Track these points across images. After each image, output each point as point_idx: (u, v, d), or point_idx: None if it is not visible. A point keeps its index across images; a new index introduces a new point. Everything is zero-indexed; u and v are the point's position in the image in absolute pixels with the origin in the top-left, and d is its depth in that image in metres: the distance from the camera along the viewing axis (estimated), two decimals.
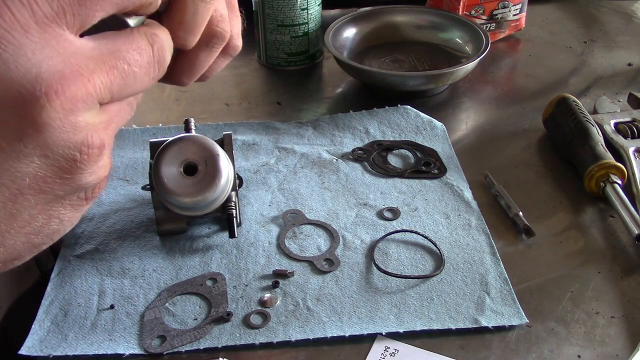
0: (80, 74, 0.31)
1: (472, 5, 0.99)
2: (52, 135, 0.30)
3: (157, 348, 0.55)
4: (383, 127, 0.81)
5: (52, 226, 0.34)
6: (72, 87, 0.30)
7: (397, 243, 0.65)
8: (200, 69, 0.43)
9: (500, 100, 0.90)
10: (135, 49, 0.34)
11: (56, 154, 0.31)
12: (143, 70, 0.34)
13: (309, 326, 0.57)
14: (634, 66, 0.97)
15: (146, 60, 0.34)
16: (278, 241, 0.66)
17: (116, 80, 0.33)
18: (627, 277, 0.62)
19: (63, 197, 0.33)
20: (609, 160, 0.70)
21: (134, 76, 0.34)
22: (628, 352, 0.55)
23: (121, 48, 0.33)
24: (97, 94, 0.31)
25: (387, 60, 0.96)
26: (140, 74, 0.34)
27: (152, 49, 0.35)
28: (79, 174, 0.32)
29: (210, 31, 0.40)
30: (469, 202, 0.70)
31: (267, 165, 0.76)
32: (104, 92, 0.32)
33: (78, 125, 0.31)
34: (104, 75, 0.32)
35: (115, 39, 0.33)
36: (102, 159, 0.33)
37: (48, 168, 0.31)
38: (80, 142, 0.31)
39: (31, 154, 0.30)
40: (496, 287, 0.60)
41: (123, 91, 0.33)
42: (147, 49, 0.34)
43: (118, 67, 0.33)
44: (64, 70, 0.30)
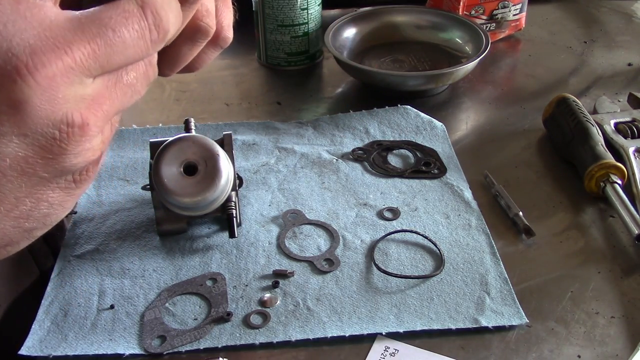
0: (55, 46, 0.29)
1: (472, 5, 0.99)
2: (29, 112, 0.29)
3: (157, 348, 0.56)
4: (383, 127, 0.81)
5: (41, 210, 0.33)
6: (45, 60, 0.29)
7: (397, 243, 0.65)
8: (183, 61, 0.41)
9: (500, 100, 0.90)
10: (119, 13, 0.32)
11: (35, 132, 0.29)
12: (134, 34, 0.32)
13: (309, 326, 0.57)
14: (634, 66, 0.97)
15: (136, 23, 0.32)
16: (278, 241, 0.66)
17: (101, 49, 0.31)
18: (627, 277, 0.62)
19: (49, 180, 0.32)
20: (609, 160, 0.70)
21: (122, 43, 0.31)
22: (628, 352, 0.55)
23: (103, 15, 0.31)
24: (78, 67, 0.30)
25: (387, 60, 0.96)
26: (129, 40, 0.32)
27: (142, 11, 0.33)
28: (62, 155, 0.31)
29: (194, 25, 0.39)
30: (469, 202, 0.70)
31: (267, 165, 0.76)
32: (89, 63, 0.30)
33: (57, 102, 0.29)
34: (85, 44, 0.30)
35: (97, 8, 0.31)
36: (87, 140, 0.31)
37: (28, 148, 0.30)
38: (59, 119, 0.30)
39: (8, 133, 0.29)
40: (496, 287, 0.60)
41: (112, 60, 0.31)
42: (135, 12, 0.32)
43: (101, 35, 0.31)
44: (37, 44, 0.29)
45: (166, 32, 0.34)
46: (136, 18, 0.32)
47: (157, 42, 0.33)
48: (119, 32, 0.31)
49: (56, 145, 0.30)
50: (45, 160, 0.31)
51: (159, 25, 0.33)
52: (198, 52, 0.41)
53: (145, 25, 0.33)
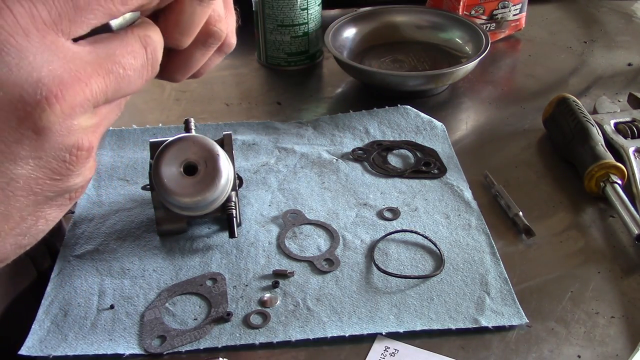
0: (79, 79, 0.31)
1: (472, 5, 0.99)
2: (50, 138, 0.31)
3: (157, 348, 0.55)
4: (383, 127, 0.81)
5: (39, 227, 0.34)
6: (71, 91, 0.31)
7: (397, 243, 0.65)
8: (195, 66, 0.43)
9: (500, 100, 0.90)
10: (129, 52, 0.34)
11: (49, 155, 0.31)
12: (137, 73, 0.34)
13: (309, 326, 0.57)
14: (634, 66, 0.97)
15: (140, 63, 0.35)
16: (278, 241, 0.66)
17: (112, 84, 0.33)
18: (627, 277, 0.62)
19: (52, 199, 0.33)
20: (609, 160, 0.70)
21: (128, 79, 0.34)
22: (628, 352, 0.55)
23: (116, 52, 0.34)
24: (93, 98, 0.32)
25: (387, 60, 0.96)
26: (134, 77, 0.34)
27: (145, 51, 0.35)
28: (68, 176, 0.33)
29: (208, 31, 0.40)
30: (469, 202, 0.70)
31: (267, 165, 0.76)
32: (100, 96, 0.32)
33: (73, 129, 0.31)
34: (100, 79, 0.32)
35: (109, 42, 0.34)
36: (89, 161, 0.33)
37: (40, 170, 0.31)
38: (71, 144, 0.32)
39: (27, 157, 0.31)
40: (496, 287, 0.60)
41: (117, 94, 0.34)
42: (140, 52, 0.35)
43: (114, 71, 0.33)
44: (63, 75, 0.30)
45: (156, 72, 0.36)
46: (141, 58, 0.35)
47: (148, 79, 0.36)
48: (127, 70, 0.34)
49: (65, 167, 0.32)
50: (52, 181, 0.32)
51: (154, 66, 0.36)
52: (209, 56, 0.43)
53: (145, 64, 0.35)
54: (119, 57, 0.34)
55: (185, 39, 0.39)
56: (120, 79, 0.33)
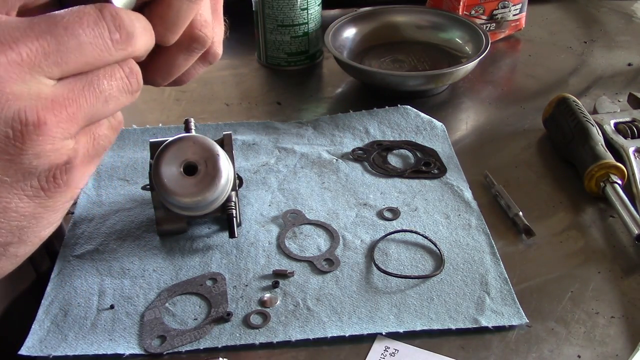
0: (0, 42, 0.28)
1: (472, 5, 0.99)
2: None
3: (157, 348, 0.55)
4: (383, 127, 0.81)
5: (11, 221, 0.31)
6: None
7: (397, 243, 0.65)
8: (177, 71, 0.41)
9: (500, 100, 0.90)
10: (74, 13, 0.31)
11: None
12: (89, 32, 0.31)
13: (309, 326, 0.57)
14: (634, 66, 0.97)
15: (92, 22, 0.31)
16: (278, 241, 0.66)
17: (51, 46, 0.30)
18: (627, 277, 0.62)
19: (11, 185, 0.30)
20: (609, 160, 0.70)
21: (77, 41, 0.31)
22: (628, 352, 0.55)
23: (56, 15, 0.31)
24: (26, 63, 0.29)
25: (387, 60, 0.96)
26: (86, 37, 0.31)
27: (100, 12, 0.32)
28: (19, 155, 0.30)
29: (192, 34, 0.39)
30: (469, 202, 0.70)
31: (267, 165, 0.76)
32: (39, 61, 0.29)
33: (5, 99, 0.29)
34: (31, 41, 0.29)
35: (54, 12, 0.30)
36: (46, 141, 0.30)
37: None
38: (10, 117, 0.29)
39: None
40: (496, 287, 0.60)
41: (67, 59, 0.30)
42: (92, 12, 0.32)
43: (51, 32, 0.30)
44: None
45: (130, 35, 0.33)
46: (92, 17, 0.31)
47: (120, 43, 0.33)
48: (71, 30, 0.30)
49: (11, 144, 0.29)
50: (2, 162, 0.29)
51: (120, 26, 0.32)
52: (192, 63, 0.41)
53: (103, 25, 0.32)
54: (58, 19, 0.30)
55: (170, 35, 0.37)
56: (62, 40, 0.30)
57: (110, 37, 0.32)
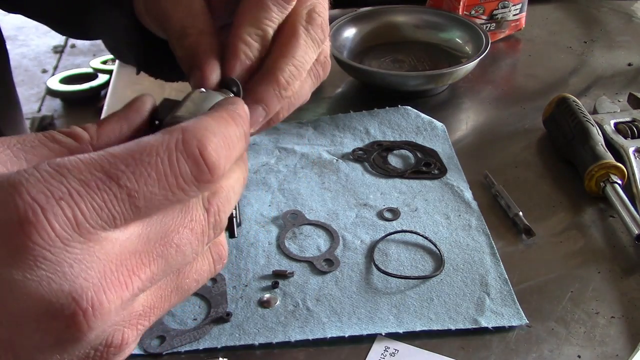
0: (119, 282, 0.29)
1: (472, 5, 0.99)
2: (74, 346, 0.29)
3: (156, 348, 0.55)
4: (383, 127, 0.81)
5: None
6: (106, 298, 0.28)
7: (397, 243, 0.65)
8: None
9: (500, 100, 0.90)
10: (187, 224, 0.32)
11: (73, 356, 0.29)
12: (194, 245, 0.32)
13: (308, 327, 0.57)
14: (634, 66, 0.97)
15: (199, 232, 0.32)
16: (278, 241, 0.66)
17: (160, 270, 0.31)
18: (627, 277, 0.62)
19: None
20: (609, 160, 0.70)
21: (182, 255, 0.32)
22: (628, 352, 0.55)
23: (171, 229, 0.31)
24: (133, 294, 0.30)
25: (387, 60, 0.96)
26: (189, 250, 0.32)
27: (207, 215, 0.32)
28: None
29: None
30: (469, 202, 0.70)
31: (267, 165, 0.76)
32: (144, 286, 0.30)
33: (102, 330, 0.29)
34: (146, 269, 0.30)
35: (166, 214, 0.31)
36: (122, 356, 0.31)
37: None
38: (98, 343, 0.30)
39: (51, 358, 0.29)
40: (496, 287, 0.60)
41: (165, 274, 0.31)
42: (201, 219, 0.32)
43: (164, 254, 0.31)
44: (100, 283, 0.28)
45: (220, 233, 0.34)
46: (200, 226, 0.32)
47: (209, 243, 0.34)
48: (182, 246, 0.31)
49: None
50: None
51: (217, 226, 0.34)
52: None
53: (205, 231, 0.33)
54: (173, 234, 0.31)
55: None
56: (171, 258, 0.31)
57: (206, 241, 0.34)
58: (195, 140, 0.31)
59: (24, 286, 0.27)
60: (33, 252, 0.27)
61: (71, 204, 0.27)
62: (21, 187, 0.27)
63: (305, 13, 0.44)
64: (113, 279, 0.29)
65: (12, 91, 0.81)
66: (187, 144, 0.31)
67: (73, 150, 0.32)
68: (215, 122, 0.33)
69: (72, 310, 0.27)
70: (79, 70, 3.02)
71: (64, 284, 0.27)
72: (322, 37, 0.44)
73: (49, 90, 2.91)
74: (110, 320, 0.29)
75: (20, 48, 3.32)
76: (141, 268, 0.30)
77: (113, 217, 0.29)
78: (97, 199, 0.28)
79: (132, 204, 0.29)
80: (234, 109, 0.35)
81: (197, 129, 0.31)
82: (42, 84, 3.05)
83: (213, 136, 0.32)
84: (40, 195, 0.27)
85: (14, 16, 0.69)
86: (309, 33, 0.43)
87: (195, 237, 0.33)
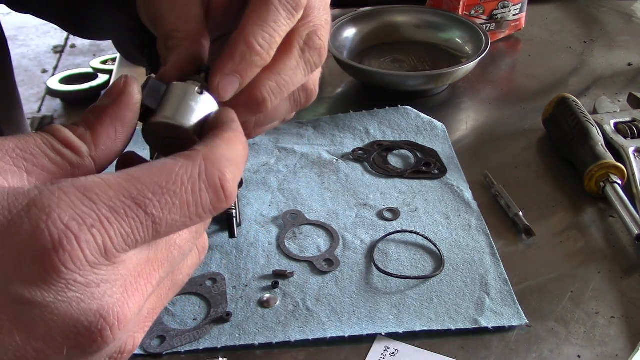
0: (138, 292, 0.31)
1: (472, 5, 0.99)
2: (96, 356, 0.31)
3: (156, 348, 0.55)
4: (383, 127, 0.81)
5: None
6: (129, 310, 0.31)
7: (397, 243, 0.65)
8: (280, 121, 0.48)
9: (500, 100, 0.90)
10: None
11: None
12: (191, 242, 0.35)
13: (308, 327, 0.57)
14: (634, 66, 0.97)
15: (194, 229, 0.35)
16: (278, 241, 0.66)
17: (166, 271, 0.34)
18: (627, 277, 0.62)
19: None
20: (609, 160, 0.70)
21: (183, 255, 0.35)
22: (628, 352, 0.55)
23: (175, 234, 0.34)
24: (146, 300, 0.32)
25: (387, 60, 0.96)
26: (187, 249, 0.35)
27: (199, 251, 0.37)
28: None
29: None
30: (469, 202, 0.70)
31: (267, 165, 0.76)
32: (153, 291, 0.33)
33: (122, 339, 0.32)
34: (156, 274, 0.33)
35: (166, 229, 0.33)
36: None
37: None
38: (114, 350, 0.32)
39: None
40: (496, 287, 0.60)
41: (167, 274, 0.34)
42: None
43: (169, 258, 0.34)
44: (123, 297, 0.30)
45: (207, 226, 0.38)
46: (195, 225, 0.34)
47: (201, 234, 0.37)
48: (183, 248, 0.35)
49: None
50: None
51: (208, 222, 0.37)
52: None
53: (199, 229, 0.36)
54: (176, 237, 0.34)
55: None
56: (174, 260, 0.34)
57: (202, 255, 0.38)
58: (217, 171, 0.33)
59: (55, 307, 0.28)
60: (65, 276, 0.28)
61: (102, 231, 0.29)
62: (53, 213, 0.28)
63: (306, 34, 0.43)
64: (133, 290, 0.31)
65: (14, 91, 0.81)
66: (209, 175, 0.33)
67: (74, 164, 0.33)
68: (228, 147, 0.35)
69: (100, 326, 0.30)
70: (79, 70, 3.02)
71: (92, 303, 0.29)
72: (317, 62, 0.44)
73: (49, 90, 2.91)
74: (129, 329, 0.31)
75: (20, 48, 3.32)
76: (153, 274, 0.32)
77: (136, 241, 0.30)
78: (125, 226, 0.30)
79: (155, 230, 0.31)
80: (237, 128, 0.37)
81: (217, 159, 0.33)
82: (42, 84, 3.05)
83: (230, 164, 0.34)
84: (73, 222, 0.28)
85: (14, 16, 0.69)
86: (303, 55, 0.43)
87: (192, 234, 0.35)
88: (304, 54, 0.42)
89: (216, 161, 0.33)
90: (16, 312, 0.28)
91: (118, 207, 0.30)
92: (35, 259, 0.28)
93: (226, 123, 0.37)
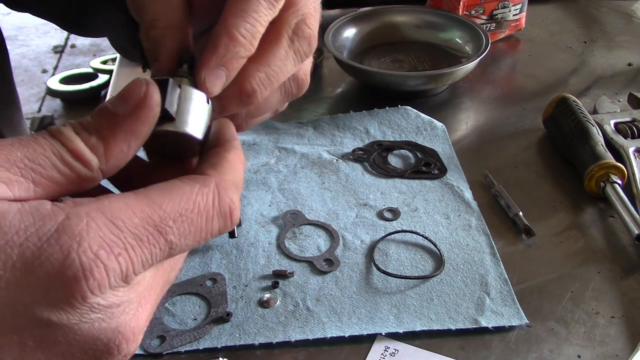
0: (149, 305, 0.34)
1: (472, 5, 0.99)
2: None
3: (156, 348, 0.55)
4: (383, 127, 0.81)
5: None
6: (143, 323, 0.33)
7: (397, 243, 0.65)
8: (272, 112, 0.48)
9: (500, 100, 0.90)
10: None
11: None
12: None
13: (308, 326, 0.57)
14: (634, 66, 0.97)
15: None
16: (278, 241, 0.66)
17: (168, 280, 0.36)
18: (627, 277, 0.62)
19: None
20: (609, 160, 0.70)
21: (178, 263, 0.38)
22: (628, 352, 0.55)
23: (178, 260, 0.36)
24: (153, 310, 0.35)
25: (387, 60, 0.96)
26: (183, 255, 0.37)
27: None
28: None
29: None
30: (469, 202, 0.70)
31: (267, 165, 0.76)
32: (159, 298, 0.36)
33: (134, 348, 0.34)
34: (167, 284, 0.36)
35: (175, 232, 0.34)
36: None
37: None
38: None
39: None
40: (496, 287, 0.60)
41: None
42: None
43: (172, 266, 0.36)
44: (137, 311, 0.33)
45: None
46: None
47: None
48: (179, 259, 0.38)
49: None
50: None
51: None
52: None
53: None
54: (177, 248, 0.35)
55: None
56: (173, 272, 0.37)
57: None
58: (228, 199, 0.35)
59: (78, 328, 0.30)
60: (90, 300, 0.30)
61: (127, 259, 0.31)
62: (84, 242, 0.30)
63: (295, 23, 0.42)
64: (145, 302, 0.33)
65: (12, 91, 0.81)
66: (222, 203, 0.35)
67: (84, 178, 0.33)
68: (233, 171, 0.36)
69: (118, 342, 0.32)
70: (79, 70, 3.01)
71: (112, 322, 0.31)
72: (307, 51, 0.43)
73: (49, 90, 2.91)
74: (141, 338, 0.33)
75: (20, 48, 3.32)
76: (158, 283, 0.34)
77: (152, 264, 0.32)
78: (146, 253, 0.32)
79: (169, 254, 0.33)
80: (238, 145, 0.38)
81: (228, 186, 0.35)
82: (42, 84, 3.04)
83: (237, 190, 0.36)
84: (102, 251, 0.30)
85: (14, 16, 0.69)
86: (292, 44, 0.42)
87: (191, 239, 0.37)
88: (293, 44, 0.42)
89: (227, 188, 0.35)
90: (41, 333, 0.29)
91: (142, 235, 0.31)
92: (65, 285, 0.29)
93: (229, 141, 0.38)
